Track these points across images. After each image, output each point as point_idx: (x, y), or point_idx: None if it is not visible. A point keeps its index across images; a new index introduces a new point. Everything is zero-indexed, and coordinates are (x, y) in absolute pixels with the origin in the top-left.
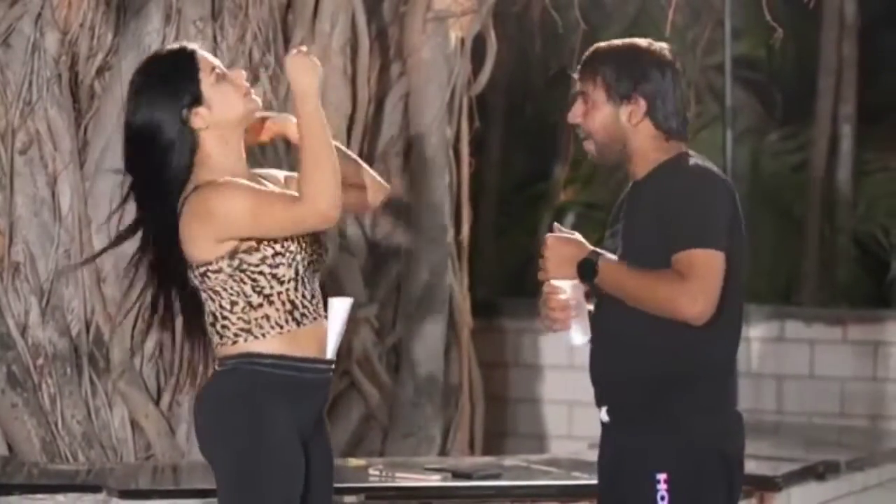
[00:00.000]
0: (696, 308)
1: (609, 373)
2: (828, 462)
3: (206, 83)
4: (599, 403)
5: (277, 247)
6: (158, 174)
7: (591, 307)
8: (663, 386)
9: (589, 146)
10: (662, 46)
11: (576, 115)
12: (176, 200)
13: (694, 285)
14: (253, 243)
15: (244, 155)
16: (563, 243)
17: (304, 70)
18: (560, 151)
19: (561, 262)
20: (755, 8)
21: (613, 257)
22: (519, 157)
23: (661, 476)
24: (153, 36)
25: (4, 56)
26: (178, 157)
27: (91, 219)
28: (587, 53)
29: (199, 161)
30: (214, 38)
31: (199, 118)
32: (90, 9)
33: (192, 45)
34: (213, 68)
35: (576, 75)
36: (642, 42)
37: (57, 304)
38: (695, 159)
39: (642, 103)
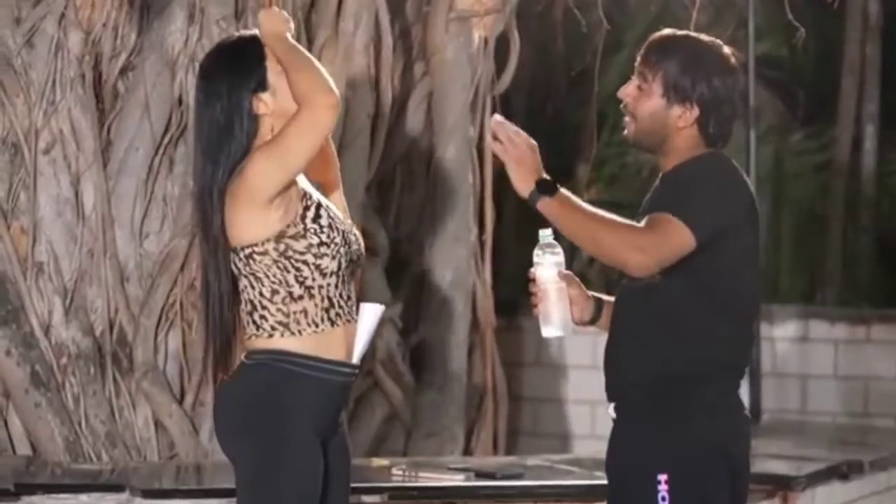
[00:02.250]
0: (637, 257)
1: (618, 369)
2: (851, 462)
3: (273, 70)
4: (609, 398)
5: (324, 237)
6: (221, 156)
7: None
8: (668, 385)
9: (630, 125)
10: (731, 52)
11: (627, 94)
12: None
13: (649, 240)
14: (300, 229)
15: None
16: (532, 148)
17: (275, 21)
18: (583, 151)
19: (523, 160)
20: (778, 7)
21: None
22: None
23: (662, 476)
24: (176, 36)
25: (28, 56)
26: (238, 141)
27: (114, 218)
28: (655, 38)
29: (255, 146)
30: None
31: (263, 104)
32: (113, 8)
33: None
34: None
35: (638, 56)
36: (712, 44)
37: (80, 304)
38: (725, 158)
39: (696, 110)
